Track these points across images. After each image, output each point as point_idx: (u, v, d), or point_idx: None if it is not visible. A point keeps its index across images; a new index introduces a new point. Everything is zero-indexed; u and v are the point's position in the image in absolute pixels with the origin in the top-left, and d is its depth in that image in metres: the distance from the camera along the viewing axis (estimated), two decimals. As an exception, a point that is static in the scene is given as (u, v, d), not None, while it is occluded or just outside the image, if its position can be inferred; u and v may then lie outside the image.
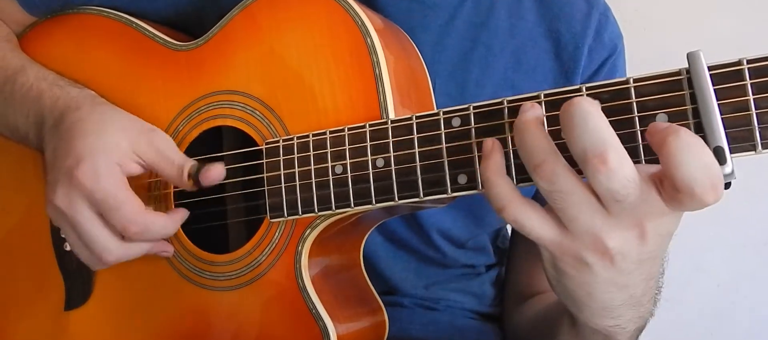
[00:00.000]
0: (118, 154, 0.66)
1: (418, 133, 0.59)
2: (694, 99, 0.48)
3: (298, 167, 0.65)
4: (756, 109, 0.47)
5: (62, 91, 0.75)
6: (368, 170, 0.61)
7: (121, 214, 0.65)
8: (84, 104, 0.72)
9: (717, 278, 1.45)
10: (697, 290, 1.43)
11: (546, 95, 0.54)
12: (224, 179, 0.70)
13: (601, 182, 0.46)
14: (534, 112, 0.52)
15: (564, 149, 0.49)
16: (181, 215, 0.70)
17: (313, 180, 0.64)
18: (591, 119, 0.47)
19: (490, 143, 0.54)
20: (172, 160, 0.68)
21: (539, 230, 0.51)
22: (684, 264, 1.40)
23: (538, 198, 0.53)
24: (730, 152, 0.47)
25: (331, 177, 0.63)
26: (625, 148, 0.47)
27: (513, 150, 0.54)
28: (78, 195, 0.65)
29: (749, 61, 0.47)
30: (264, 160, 0.67)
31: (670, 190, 0.46)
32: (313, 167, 0.64)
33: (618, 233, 0.49)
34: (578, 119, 0.47)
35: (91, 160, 0.65)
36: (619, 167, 0.46)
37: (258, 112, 0.69)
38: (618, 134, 0.47)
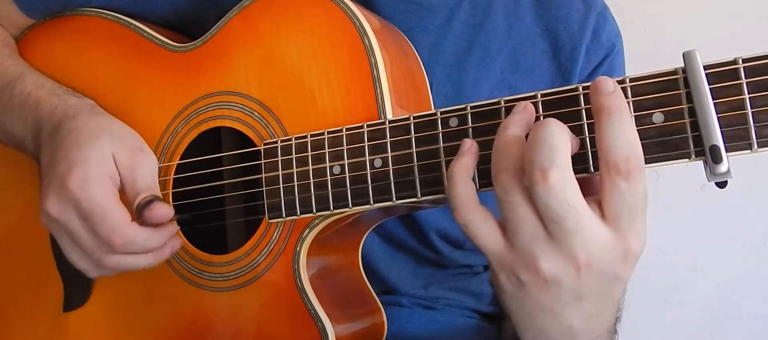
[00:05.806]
0: (109, 166, 0.66)
1: (415, 133, 0.59)
2: (690, 98, 0.49)
3: (296, 168, 0.65)
4: (751, 108, 0.47)
5: (60, 99, 0.74)
6: (366, 170, 0.61)
7: (107, 225, 0.64)
8: (81, 113, 0.72)
9: (717, 278, 1.44)
10: (696, 290, 1.43)
11: (543, 95, 0.54)
12: (223, 180, 0.70)
13: (540, 197, 0.47)
14: (521, 117, 0.52)
15: None
16: (169, 230, 0.68)
17: (311, 180, 0.64)
18: (551, 137, 0.47)
19: (468, 144, 0.54)
20: (134, 185, 0.67)
21: (485, 238, 0.52)
22: (683, 264, 1.40)
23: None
24: (726, 151, 0.47)
25: (329, 177, 0.63)
26: None
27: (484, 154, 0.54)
28: (68, 203, 0.65)
29: (745, 60, 0.48)
30: (262, 161, 0.67)
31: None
32: (311, 168, 0.64)
33: (553, 259, 0.49)
34: (540, 133, 0.47)
35: (82, 170, 0.65)
36: (559, 187, 0.46)
37: (256, 113, 0.69)
38: None
